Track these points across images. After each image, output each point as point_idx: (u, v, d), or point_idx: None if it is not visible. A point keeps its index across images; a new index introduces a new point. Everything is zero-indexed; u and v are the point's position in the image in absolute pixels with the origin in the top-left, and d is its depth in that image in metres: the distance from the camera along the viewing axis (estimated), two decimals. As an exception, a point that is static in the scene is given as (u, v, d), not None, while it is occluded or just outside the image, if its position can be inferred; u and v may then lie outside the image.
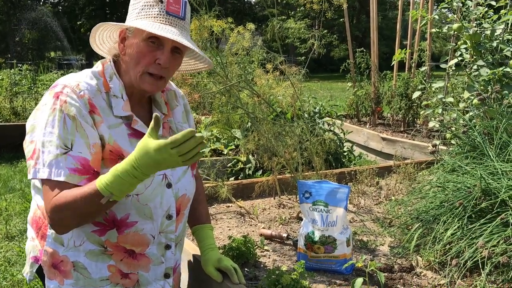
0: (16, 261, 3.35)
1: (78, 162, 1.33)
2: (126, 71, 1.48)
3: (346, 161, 4.77)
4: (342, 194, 2.02)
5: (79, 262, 1.45)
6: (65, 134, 1.34)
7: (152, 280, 1.54)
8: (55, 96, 1.37)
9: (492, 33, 3.64)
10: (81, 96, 1.38)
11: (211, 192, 2.95)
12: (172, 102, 1.67)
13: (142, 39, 1.41)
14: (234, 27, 2.60)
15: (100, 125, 1.40)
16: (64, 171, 1.32)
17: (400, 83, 6.27)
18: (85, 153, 1.35)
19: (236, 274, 1.66)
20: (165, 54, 1.42)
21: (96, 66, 1.52)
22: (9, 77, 8.31)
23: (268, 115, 3.22)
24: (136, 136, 1.47)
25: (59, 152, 1.32)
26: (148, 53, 1.42)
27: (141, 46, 1.41)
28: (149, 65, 1.42)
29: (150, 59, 1.42)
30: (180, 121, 1.66)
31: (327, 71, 23.09)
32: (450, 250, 2.00)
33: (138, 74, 1.43)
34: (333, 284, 1.94)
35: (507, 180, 2.09)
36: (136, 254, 1.48)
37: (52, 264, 1.47)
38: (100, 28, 1.48)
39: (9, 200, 4.64)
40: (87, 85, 1.42)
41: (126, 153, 1.41)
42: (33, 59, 20.83)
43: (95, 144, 1.37)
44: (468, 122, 2.83)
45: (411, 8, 6.24)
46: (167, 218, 1.51)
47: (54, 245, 1.46)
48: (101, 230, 1.43)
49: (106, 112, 1.43)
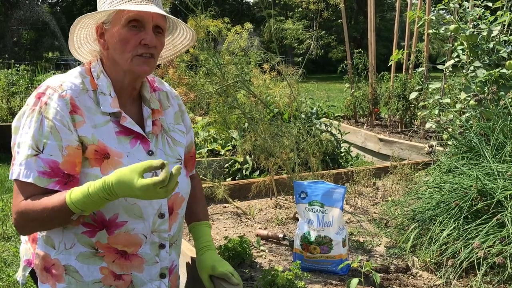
0: (12, 261, 3.34)
1: (47, 165, 1.33)
2: (112, 65, 1.47)
3: (343, 162, 4.78)
4: (338, 195, 2.02)
5: (70, 266, 1.43)
6: (39, 136, 1.34)
7: (147, 281, 1.51)
8: (37, 97, 1.38)
9: (488, 34, 3.65)
10: (62, 96, 1.37)
11: (207, 192, 2.95)
12: (164, 102, 1.65)
13: (122, 26, 1.40)
14: (231, 27, 2.60)
15: (81, 125, 1.39)
16: (33, 173, 1.32)
17: (398, 84, 6.28)
18: (55, 156, 1.34)
19: (234, 277, 1.63)
20: (149, 33, 1.42)
21: (82, 65, 1.52)
22: (6, 77, 8.30)
23: (265, 115, 3.22)
24: (125, 134, 1.46)
25: (30, 153, 1.33)
26: (131, 37, 1.40)
27: (123, 33, 1.40)
28: (135, 48, 1.41)
29: (135, 42, 1.41)
30: (172, 122, 1.64)
31: (325, 72, 23.11)
32: (446, 251, 2.00)
33: (128, 60, 1.42)
34: (328, 284, 1.94)
35: (503, 181, 2.09)
36: (128, 254, 1.46)
37: (44, 267, 1.46)
38: (77, 28, 1.47)
39: (5, 201, 4.63)
40: (72, 84, 1.41)
41: (111, 151, 1.41)
42: (31, 59, 20.80)
43: (67, 146, 1.36)
44: (465, 123, 2.83)
45: (408, 9, 6.26)
46: (159, 217, 1.49)
47: (45, 248, 1.45)
48: (91, 231, 1.41)
49: (92, 111, 1.42)
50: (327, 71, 23.06)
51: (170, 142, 1.60)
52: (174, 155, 1.59)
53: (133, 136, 1.48)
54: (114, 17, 1.41)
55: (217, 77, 2.66)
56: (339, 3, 2.70)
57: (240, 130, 4.63)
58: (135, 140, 1.48)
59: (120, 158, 1.42)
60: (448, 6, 3.99)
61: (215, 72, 2.67)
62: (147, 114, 1.55)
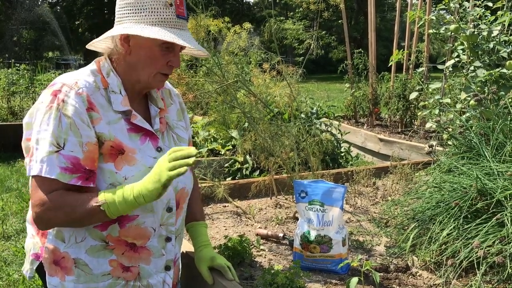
0: (13, 260, 3.34)
1: (68, 161, 1.36)
2: (129, 69, 1.50)
3: (343, 162, 4.77)
4: (338, 194, 2.02)
5: (80, 259, 1.46)
6: (59, 133, 1.36)
7: (153, 273, 1.55)
8: (53, 94, 1.40)
9: (489, 34, 3.65)
10: (79, 94, 1.40)
11: (207, 192, 2.95)
12: (167, 100, 1.69)
13: (156, 45, 1.45)
14: (231, 27, 2.60)
15: (98, 122, 1.42)
16: (55, 169, 1.34)
17: (398, 84, 6.28)
18: (76, 152, 1.37)
19: (230, 272, 1.68)
20: (177, 56, 1.50)
21: (92, 64, 1.53)
22: (6, 76, 8.30)
23: (265, 115, 3.22)
24: (135, 131, 1.50)
25: (51, 149, 1.35)
26: (161, 57, 1.47)
27: (155, 51, 1.46)
28: (162, 67, 1.48)
29: (164, 62, 1.48)
30: (175, 119, 1.69)
31: (325, 72, 23.10)
32: (445, 250, 2.01)
33: (151, 76, 1.49)
34: (328, 283, 1.94)
35: (503, 181, 2.09)
36: (137, 247, 1.50)
37: (53, 260, 1.48)
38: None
39: (5, 200, 4.63)
40: (86, 82, 1.44)
41: (126, 148, 1.45)
42: (31, 59, 20.81)
43: (88, 142, 1.39)
44: (465, 123, 2.83)
45: (409, 9, 6.25)
46: (167, 211, 1.54)
47: (55, 242, 1.48)
48: (103, 225, 1.45)
49: (105, 108, 1.45)
50: (328, 71, 23.05)
51: (175, 139, 1.65)
52: None
53: (143, 133, 1.52)
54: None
55: (217, 76, 2.66)
56: (339, 4, 2.70)
57: (240, 130, 4.63)
58: (145, 137, 1.52)
59: (134, 154, 1.46)
60: (449, 6, 3.98)
61: (215, 72, 2.67)
62: (155, 112, 1.60)
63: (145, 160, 1.47)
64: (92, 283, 1.47)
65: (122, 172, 1.43)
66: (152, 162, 1.47)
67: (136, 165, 1.45)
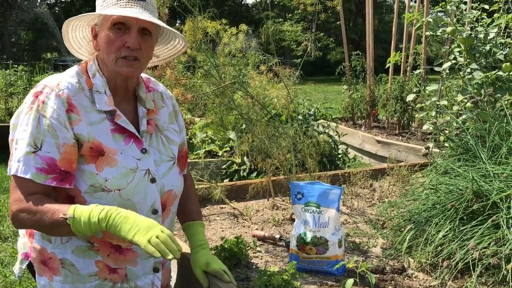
0: (9, 262, 3.33)
1: (44, 162, 1.37)
2: (103, 65, 1.51)
3: (341, 164, 4.78)
4: (334, 195, 2.03)
5: (66, 259, 1.47)
6: (37, 134, 1.38)
7: (141, 275, 1.55)
8: (35, 96, 1.42)
9: (485, 37, 3.67)
10: (59, 96, 1.41)
11: (204, 193, 2.95)
12: (158, 102, 1.69)
13: (108, 28, 1.45)
14: (228, 29, 2.60)
15: (77, 124, 1.43)
16: (31, 170, 1.36)
17: (395, 86, 6.29)
18: (53, 153, 1.38)
19: (226, 275, 1.66)
20: (133, 35, 1.45)
21: (78, 65, 1.56)
22: (4, 77, 8.28)
23: (262, 116, 3.22)
24: (119, 132, 1.50)
25: (29, 150, 1.37)
26: (116, 39, 1.45)
27: (109, 35, 1.45)
28: (119, 50, 1.45)
29: (119, 44, 1.45)
30: (166, 122, 1.68)
31: (323, 74, 23.12)
32: (441, 252, 2.01)
33: (112, 62, 1.46)
34: (324, 285, 1.95)
35: (499, 183, 2.10)
36: (122, 249, 1.50)
37: (41, 261, 1.50)
38: (69, 29, 1.53)
39: (2, 201, 4.62)
40: (68, 83, 1.45)
41: (106, 149, 1.45)
42: (29, 60, 20.78)
43: (64, 144, 1.40)
44: (461, 125, 2.84)
45: (406, 11, 6.27)
46: (152, 213, 1.53)
47: (42, 242, 1.49)
48: None
49: (88, 109, 1.46)
50: (325, 73, 23.09)
51: (164, 141, 1.64)
52: (167, 153, 1.63)
53: (127, 134, 1.52)
54: (102, 19, 1.47)
55: (214, 78, 2.66)
56: (337, 5, 2.71)
57: (237, 131, 4.63)
58: (129, 138, 1.52)
59: (115, 155, 1.46)
60: (446, 8, 4.00)
61: (213, 74, 2.68)
62: (142, 113, 1.59)
63: (127, 161, 1.47)
64: (79, 283, 1.48)
65: (103, 174, 1.43)
66: (135, 164, 1.47)
67: (117, 167, 1.45)
